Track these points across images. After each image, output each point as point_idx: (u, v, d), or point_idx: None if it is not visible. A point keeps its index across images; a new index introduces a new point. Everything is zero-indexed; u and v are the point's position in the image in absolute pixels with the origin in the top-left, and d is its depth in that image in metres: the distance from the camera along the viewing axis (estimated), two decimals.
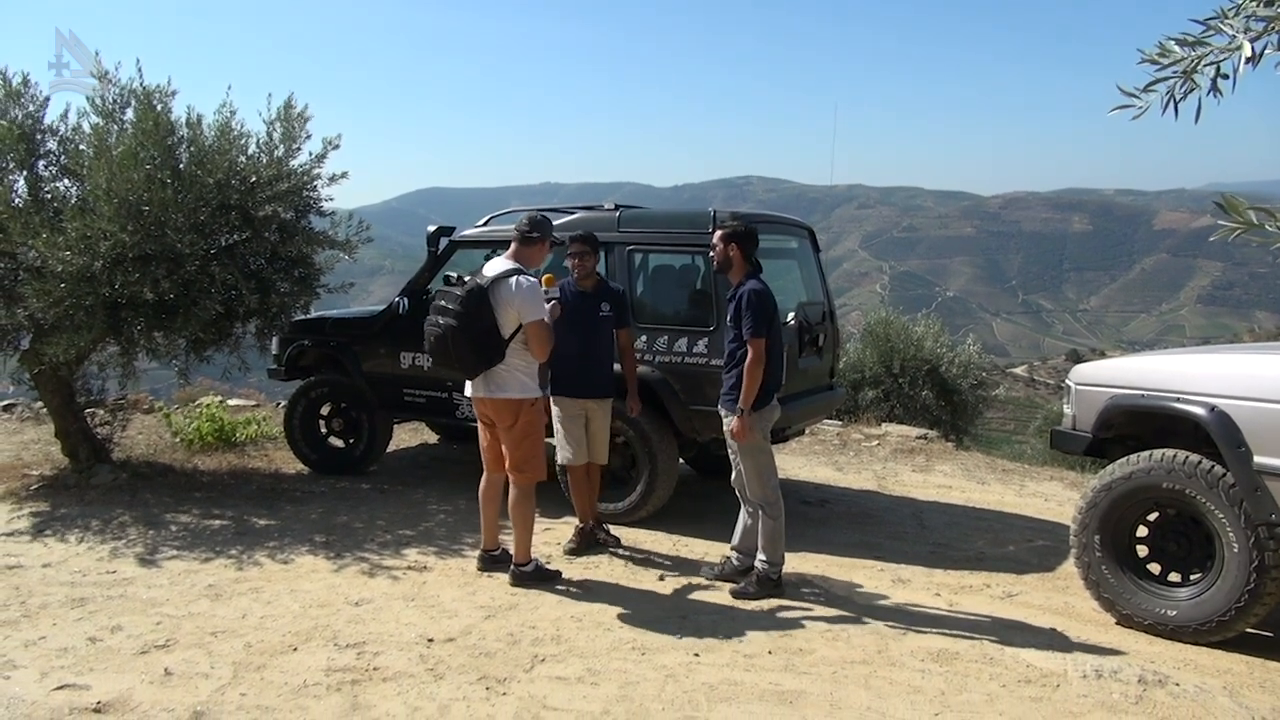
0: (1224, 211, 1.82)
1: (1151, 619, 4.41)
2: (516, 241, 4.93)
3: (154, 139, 6.23)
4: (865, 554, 5.73)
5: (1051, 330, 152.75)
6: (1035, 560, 5.72)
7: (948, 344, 14.05)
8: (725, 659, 4.02)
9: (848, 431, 9.92)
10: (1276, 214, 1.77)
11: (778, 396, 5.02)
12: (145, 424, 9.48)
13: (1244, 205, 1.78)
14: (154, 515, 6.22)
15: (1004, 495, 7.60)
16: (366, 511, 6.43)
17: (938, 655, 4.09)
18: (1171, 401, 4.42)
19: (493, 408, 4.84)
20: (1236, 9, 1.93)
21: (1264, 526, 4.03)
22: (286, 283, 6.96)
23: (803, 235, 7.16)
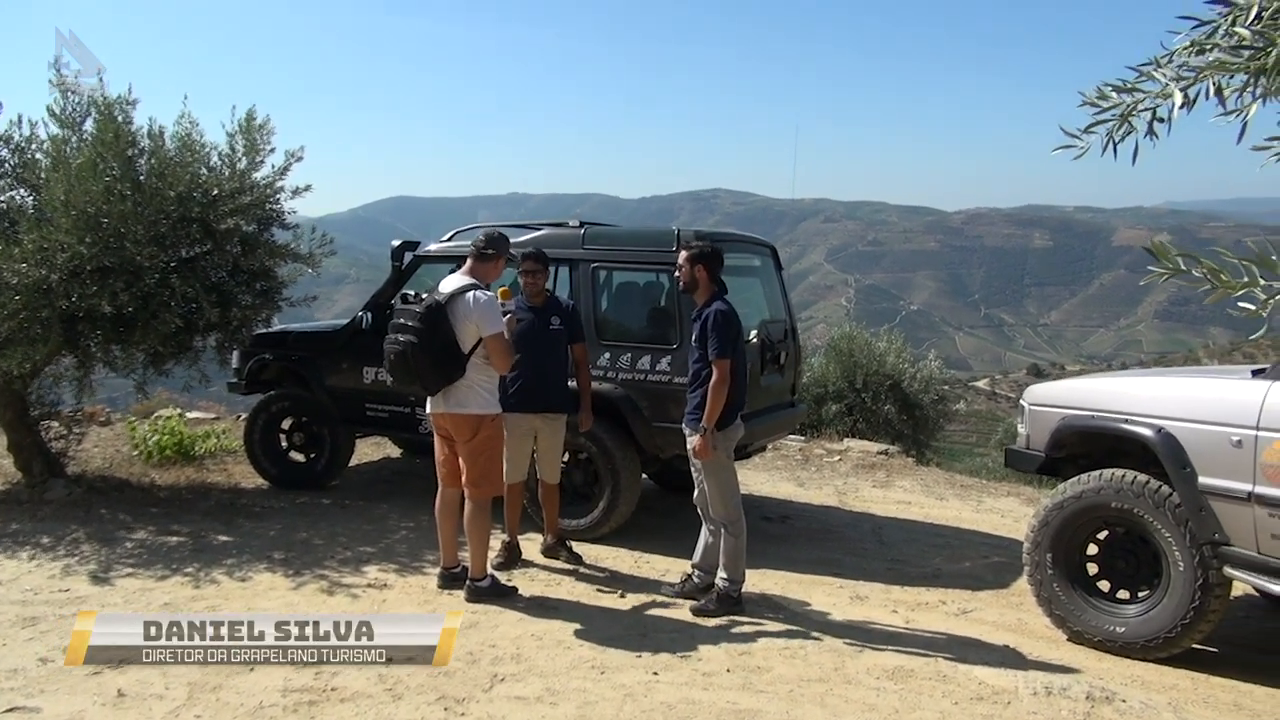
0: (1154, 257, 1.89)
1: (1101, 636, 4.51)
2: (472, 258, 4.95)
3: (114, 150, 6.18)
4: (825, 570, 5.79)
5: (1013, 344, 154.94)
6: (990, 577, 5.82)
7: (910, 359, 14.25)
8: (684, 677, 4.05)
9: (810, 447, 10.01)
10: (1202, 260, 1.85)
11: (740, 414, 5.07)
12: (102, 437, 9.34)
13: (1173, 252, 1.85)
14: (109, 531, 6.14)
15: (962, 511, 7.71)
16: (327, 528, 6.39)
17: (893, 673, 4.15)
18: (1120, 423, 4.53)
19: (452, 422, 4.85)
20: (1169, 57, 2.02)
21: (1208, 545, 4.15)
22: (248, 296, 6.91)
23: (765, 253, 7.24)
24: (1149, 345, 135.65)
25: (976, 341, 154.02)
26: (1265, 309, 1.80)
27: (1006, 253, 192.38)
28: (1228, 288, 1.79)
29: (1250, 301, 1.82)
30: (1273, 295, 1.77)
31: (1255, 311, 1.82)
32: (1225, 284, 1.78)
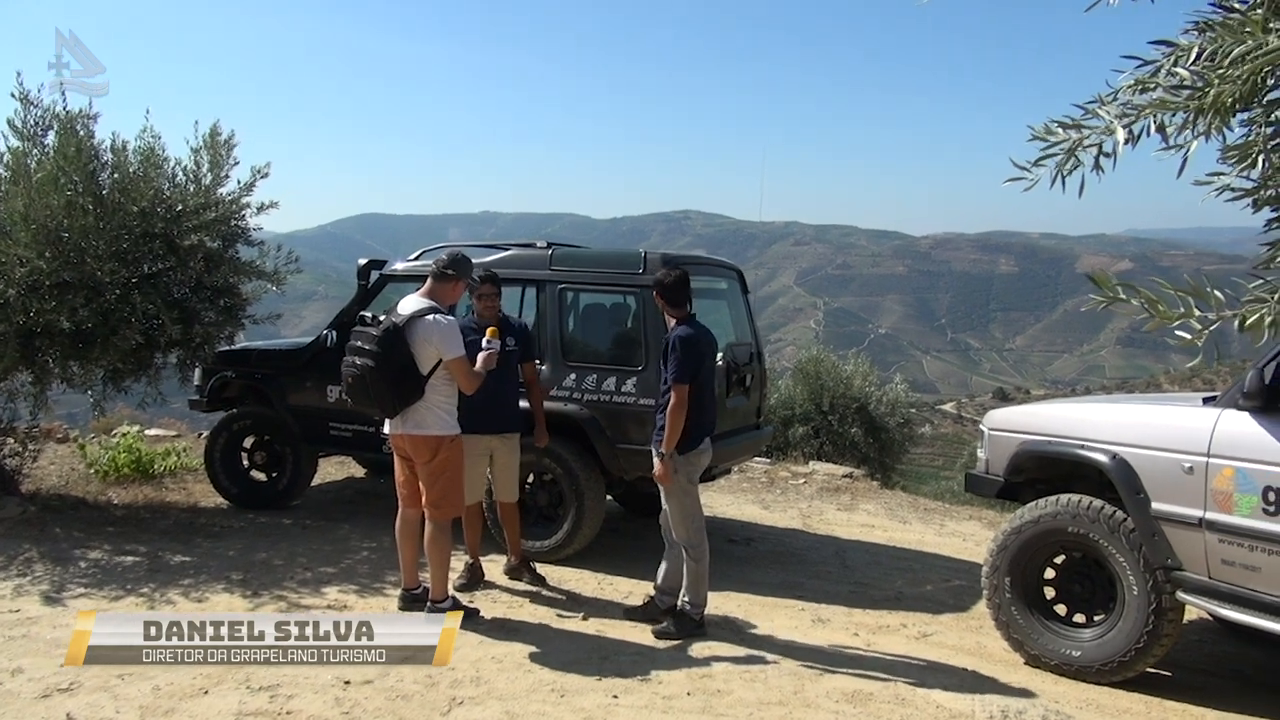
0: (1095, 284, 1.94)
1: (1058, 659, 4.56)
2: (432, 278, 4.88)
3: (76, 164, 6.12)
4: (787, 593, 5.81)
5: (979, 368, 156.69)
6: (951, 600, 5.87)
7: (876, 382, 14.39)
8: (644, 700, 4.04)
9: (775, 469, 10.06)
10: (1140, 290, 1.90)
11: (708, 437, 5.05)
12: (58, 454, 9.17)
13: (1111, 281, 1.90)
14: (63, 551, 6.02)
15: (924, 534, 7.77)
16: (287, 548, 6.31)
17: (852, 696, 4.17)
18: (1076, 448, 4.60)
19: (411, 444, 4.81)
20: (1114, 95, 2.08)
21: (1161, 570, 4.21)
22: (211, 313, 6.85)
23: (732, 276, 7.29)
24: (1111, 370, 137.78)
25: (943, 365, 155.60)
26: (1200, 338, 1.85)
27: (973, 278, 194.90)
28: (1164, 318, 1.84)
29: (1186, 331, 1.87)
30: (1208, 325, 1.82)
31: (1191, 340, 1.87)
32: (1162, 314, 1.83)
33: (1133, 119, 1.99)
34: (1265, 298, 1.75)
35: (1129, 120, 1.99)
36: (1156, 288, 1.90)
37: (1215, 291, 1.85)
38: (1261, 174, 2.02)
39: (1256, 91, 1.82)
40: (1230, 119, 2.03)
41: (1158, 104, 1.92)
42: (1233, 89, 1.74)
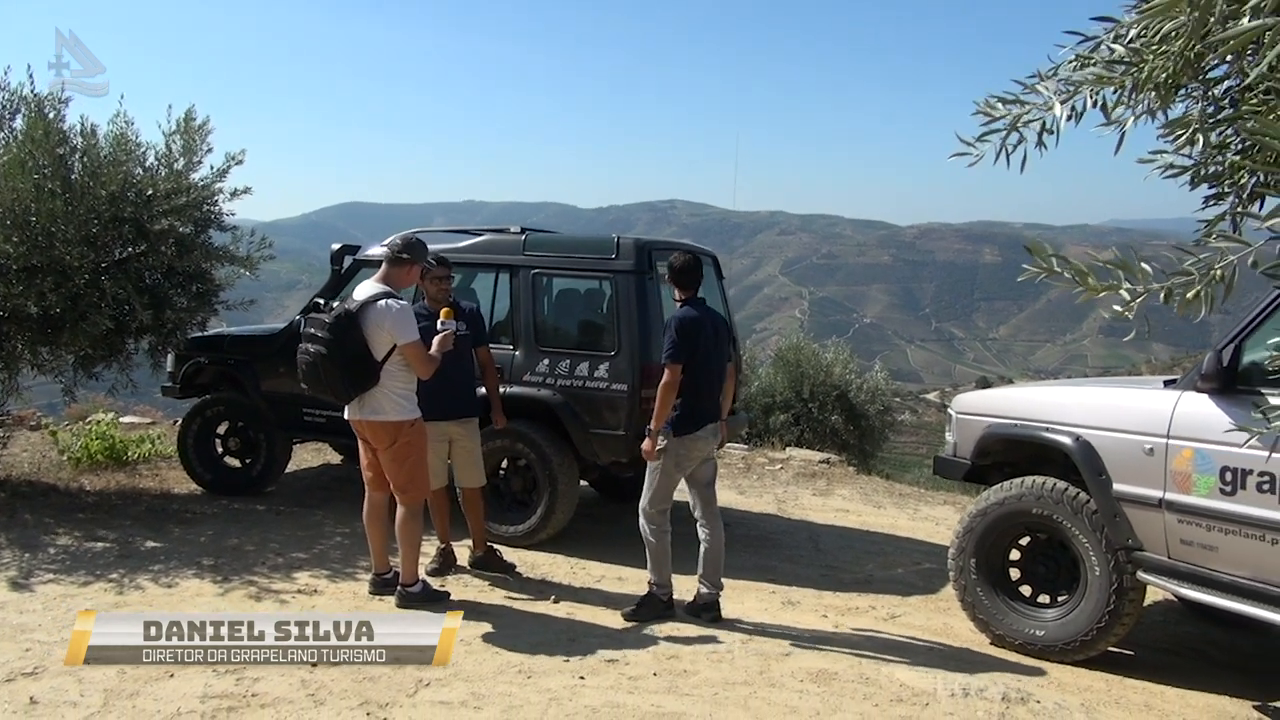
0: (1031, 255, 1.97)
1: (1022, 639, 4.61)
2: (387, 262, 4.83)
3: (44, 148, 6.07)
4: (759, 576, 5.85)
5: (963, 358, 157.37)
6: (920, 583, 5.92)
7: (856, 370, 14.45)
8: (610, 681, 4.07)
9: (753, 455, 10.09)
10: (1071, 261, 1.92)
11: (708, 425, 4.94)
12: (31, 441, 9.11)
13: (1047, 251, 1.93)
14: (32, 537, 5.99)
15: (897, 519, 7.83)
16: (259, 534, 6.30)
17: (817, 676, 4.20)
18: (1041, 431, 4.65)
19: (370, 430, 4.79)
20: (1054, 70, 2.09)
21: (1122, 550, 4.26)
22: (183, 298, 6.81)
23: (708, 262, 7.29)
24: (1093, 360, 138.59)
25: (927, 355, 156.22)
26: (1130, 311, 1.87)
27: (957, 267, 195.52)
28: (1093, 290, 1.86)
29: (1116, 304, 1.90)
30: (1136, 298, 1.85)
31: (1122, 313, 1.90)
32: (1091, 286, 1.86)
33: (1071, 94, 2.01)
34: (1191, 273, 1.78)
35: (1067, 96, 2.01)
36: (1088, 258, 1.93)
37: (1144, 265, 1.87)
38: (1200, 152, 2.04)
39: (1192, 68, 1.84)
40: (1172, 96, 2.06)
41: (1094, 80, 1.94)
42: (1164, 64, 1.77)
